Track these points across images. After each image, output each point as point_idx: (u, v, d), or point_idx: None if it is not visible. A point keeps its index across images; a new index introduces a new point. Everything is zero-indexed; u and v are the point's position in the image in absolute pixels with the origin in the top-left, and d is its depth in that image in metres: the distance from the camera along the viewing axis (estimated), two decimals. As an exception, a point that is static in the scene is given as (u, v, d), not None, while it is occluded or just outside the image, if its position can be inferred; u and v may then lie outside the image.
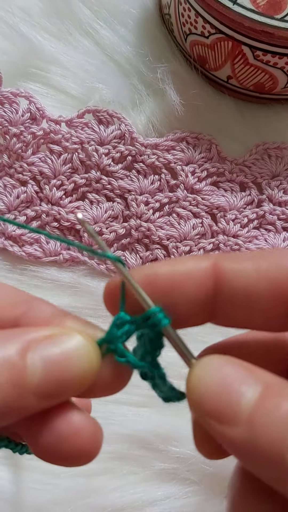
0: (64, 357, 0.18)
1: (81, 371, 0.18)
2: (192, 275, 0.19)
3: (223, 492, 0.35)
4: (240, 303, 0.19)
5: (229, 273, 0.19)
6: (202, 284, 0.19)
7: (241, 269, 0.19)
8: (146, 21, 0.45)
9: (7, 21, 0.44)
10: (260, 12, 0.35)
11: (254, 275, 0.18)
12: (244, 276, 0.19)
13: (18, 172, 0.41)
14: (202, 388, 0.18)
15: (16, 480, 0.35)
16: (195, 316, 0.20)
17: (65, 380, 0.18)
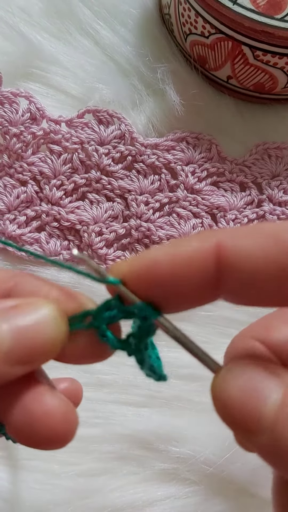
0: (30, 325, 0.19)
1: (48, 338, 0.19)
2: (195, 260, 0.18)
3: (223, 492, 0.35)
4: (247, 284, 0.18)
5: (233, 255, 0.17)
6: (206, 269, 0.18)
7: (246, 249, 0.17)
8: (146, 21, 0.45)
9: (7, 21, 0.44)
10: (260, 12, 0.35)
11: (260, 254, 0.17)
12: (250, 257, 0.17)
13: (18, 172, 0.41)
14: (224, 397, 0.18)
15: (16, 480, 0.35)
16: (200, 297, 0.19)
17: (33, 347, 0.19)
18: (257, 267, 0.17)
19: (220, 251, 0.18)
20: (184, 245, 0.18)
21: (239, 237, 0.18)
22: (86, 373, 0.37)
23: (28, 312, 0.19)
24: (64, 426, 0.19)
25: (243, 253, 0.17)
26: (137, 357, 0.20)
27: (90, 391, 0.37)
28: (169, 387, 0.38)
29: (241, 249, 0.17)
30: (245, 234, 0.18)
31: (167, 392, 0.37)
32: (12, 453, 0.36)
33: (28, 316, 0.19)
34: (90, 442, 0.36)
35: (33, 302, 0.20)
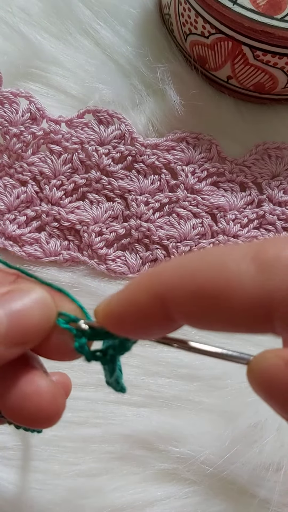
0: (26, 307, 0.20)
1: (41, 319, 0.20)
2: (146, 312, 0.19)
3: (223, 492, 0.35)
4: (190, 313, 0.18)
5: (173, 303, 0.18)
6: (156, 316, 0.18)
7: (182, 297, 0.17)
8: (146, 21, 0.45)
9: (7, 21, 0.44)
10: (260, 12, 0.35)
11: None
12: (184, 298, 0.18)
13: (18, 172, 0.41)
14: (265, 368, 0.18)
15: (16, 480, 0.35)
16: (164, 329, 0.20)
17: (28, 328, 0.20)
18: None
19: (163, 303, 0.18)
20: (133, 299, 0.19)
21: (176, 288, 0.18)
22: (86, 373, 0.37)
23: (21, 296, 0.20)
24: (52, 407, 0.21)
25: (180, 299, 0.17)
26: (109, 368, 0.22)
27: (90, 391, 0.37)
28: (169, 387, 0.38)
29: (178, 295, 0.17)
30: (181, 284, 0.17)
31: (167, 392, 0.37)
32: (12, 453, 0.36)
33: (21, 300, 0.20)
34: (90, 442, 0.36)
35: (24, 287, 0.21)
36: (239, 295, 0.16)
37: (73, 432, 0.36)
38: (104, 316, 0.20)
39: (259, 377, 0.18)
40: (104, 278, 0.40)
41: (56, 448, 0.36)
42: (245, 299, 0.16)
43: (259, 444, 0.35)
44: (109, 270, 0.40)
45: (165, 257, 0.41)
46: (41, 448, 0.36)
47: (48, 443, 0.36)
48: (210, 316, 0.17)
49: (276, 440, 0.35)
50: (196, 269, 0.17)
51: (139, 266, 0.41)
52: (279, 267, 0.15)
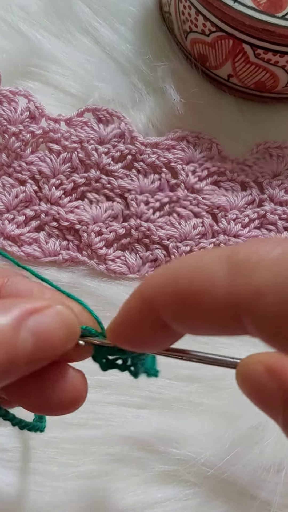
0: (51, 327, 0.20)
1: (65, 339, 0.21)
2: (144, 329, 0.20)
3: (223, 494, 0.35)
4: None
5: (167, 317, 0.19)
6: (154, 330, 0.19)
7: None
8: (146, 19, 0.45)
9: (6, 19, 0.43)
10: (261, 10, 0.35)
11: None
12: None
13: (17, 171, 0.40)
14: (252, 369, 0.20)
15: (16, 483, 0.35)
16: (165, 341, 0.21)
17: (52, 348, 0.21)
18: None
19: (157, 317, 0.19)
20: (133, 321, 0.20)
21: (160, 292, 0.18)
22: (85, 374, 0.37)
23: (46, 315, 0.20)
24: (83, 393, 0.23)
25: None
26: (132, 372, 0.23)
27: (90, 393, 0.37)
28: (169, 388, 0.37)
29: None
30: (164, 287, 0.18)
31: (167, 394, 0.37)
32: (12, 455, 0.36)
33: (47, 318, 0.20)
34: (90, 444, 0.36)
35: (48, 305, 0.21)
36: (212, 296, 0.16)
37: (73, 433, 0.36)
38: (111, 333, 0.21)
39: (243, 382, 0.19)
40: (103, 278, 0.40)
41: (55, 450, 0.36)
42: (216, 299, 0.16)
43: (260, 445, 0.35)
44: (108, 270, 0.40)
45: (165, 257, 0.40)
46: (40, 450, 0.36)
47: (47, 445, 0.36)
48: (190, 316, 0.17)
49: (277, 442, 0.35)
50: (177, 272, 0.18)
51: (139, 266, 0.40)
52: (247, 268, 0.16)
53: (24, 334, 0.20)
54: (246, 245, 0.17)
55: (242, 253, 0.16)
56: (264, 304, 0.15)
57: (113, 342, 0.21)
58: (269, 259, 0.15)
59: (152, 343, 0.20)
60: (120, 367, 0.23)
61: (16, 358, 0.19)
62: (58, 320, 0.21)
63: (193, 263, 0.17)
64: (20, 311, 0.20)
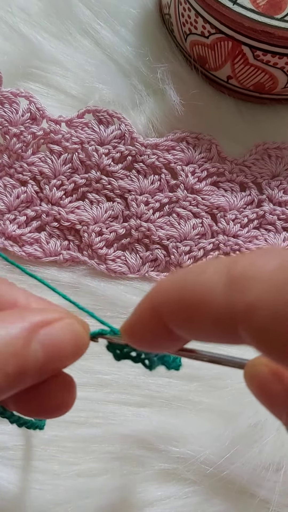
0: (61, 341, 0.21)
1: (74, 351, 0.21)
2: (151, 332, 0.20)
3: (223, 492, 0.35)
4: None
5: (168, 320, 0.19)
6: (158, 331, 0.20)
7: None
8: (146, 21, 0.45)
9: (7, 21, 0.44)
10: (260, 12, 0.35)
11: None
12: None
13: (18, 172, 0.41)
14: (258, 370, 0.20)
15: (17, 480, 0.35)
16: (174, 344, 0.21)
17: (61, 360, 0.21)
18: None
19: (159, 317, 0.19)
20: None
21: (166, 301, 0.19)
22: (86, 373, 0.37)
23: (55, 329, 0.21)
24: (69, 398, 0.23)
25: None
26: (144, 365, 0.23)
27: (90, 391, 0.37)
28: (169, 387, 0.38)
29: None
30: (170, 297, 0.19)
31: (167, 392, 0.37)
32: (12, 453, 0.36)
33: (56, 332, 0.21)
34: (90, 442, 0.36)
35: (56, 318, 0.21)
36: (211, 306, 0.17)
37: (73, 432, 0.36)
38: (123, 334, 0.21)
39: (250, 382, 0.20)
40: (104, 278, 0.40)
41: (56, 448, 0.36)
42: (215, 310, 0.17)
43: (259, 444, 0.35)
44: (109, 270, 0.40)
45: (165, 257, 0.41)
46: (41, 448, 0.36)
47: (48, 443, 0.36)
48: (193, 325, 0.18)
49: (276, 440, 0.35)
50: (182, 282, 0.18)
51: (139, 266, 0.41)
52: (242, 282, 0.16)
53: (35, 346, 0.20)
54: (244, 257, 0.17)
55: (239, 266, 0.16)
56: (257, 317, 0.15)
57: (126, 341, 0.21)
58: (264, 273, 0.16)
59: (161, 346, 0.21)
60: (134, 359, 0.23)
61: (27, 369, 0.20)
62: (68, 332, 0.21)
63: (197, 274, 0.18)
64: (30, 323, 0.20)
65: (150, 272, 0.41)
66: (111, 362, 0.24)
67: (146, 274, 0.40)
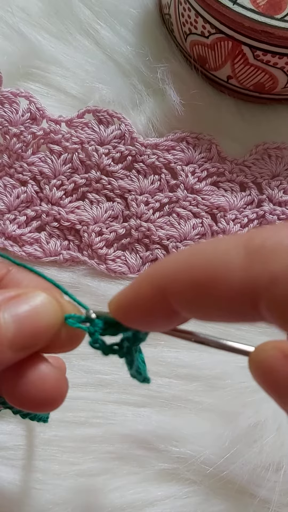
0: (32, 312, 0.21)
1: (48, 323, 0.21)
2: (152, 309, 0.19)
3: (223, 492, 0.35)
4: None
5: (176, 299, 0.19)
6: (162, 310, 0.19)
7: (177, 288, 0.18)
8: (146, 21, 0.45)
9: (7, 21, 0.44)
10: (260, 12, 0.35)
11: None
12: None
13: (18, 172, 0.41)
14: (265, 358, 0.19)
15: (17, 480, 0.35)
16: (170, 322, 0.20)
17: (36, 332, 0.21)
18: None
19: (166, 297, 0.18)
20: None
21: (175, 280, 0.18)
22: (86, 373, 0.37)
23: (27, 300, 0.21)
24: (56, 390, 0.22)
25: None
26: (127, 359, 0.22)
27: (90, 391, 0.37)
28: (169, 387, 0.38)
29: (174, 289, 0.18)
30: (179, 275, 0.18)
31: (167, 392, 0.37)
32: (13, 453, 0.36)
33: (28, 304, 0.21)
34: (90, 442, 0.36)
35: (30, 292, 0.21)
36: (228, 283, 0.16)
37: (73, 432, 0.36)
38: (115, 308, 0.20)
39: (258, 368, 0.19)
40: (104, 278, 0.40)
41: (56, 448, 0.36)
42: (232, 285, 0.16)
43: (259, 444, 0.35)
44: (109, 270, 0.40)
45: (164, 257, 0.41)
46: (41, 448, 0.36)
47: (48, 443, 0.36)
48: (205, 304, 0.17)
49: (276, 440, 0.35)
50: (192, 260, 0.17)
51: (139, 266, 0.41)
52: (263, 254, 0.15)
53: (5, 318, 0.20)
54: (262, 231, 0.16)
55: (258, 239, 0.16)
56: (280, 290, 0.15)
57: (117, 318, 0.21)
58: (286, 245, 0.15)
59: (158, 325, 0.20)
60: (119, 353, 0.22)
61: (1, 344, 0.20)
62: (39, 305, 0.21)
63: (209, 251, 0.17)
64: (3, 296, 0.21)
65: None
66: (111, 362, 0.24)
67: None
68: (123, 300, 0.20)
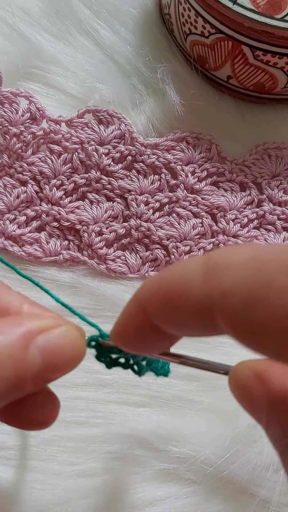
0: (60, 347, 0.21)
1: (73, 359, 0.21)
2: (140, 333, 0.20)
3: (223, 492, 0.35)
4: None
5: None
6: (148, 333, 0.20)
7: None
8: (146, 21, 0.45)
9: (7, 21, 0.44)
10: (260, 12, 0.35)
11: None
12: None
13: (18, 172, 0.41)
14: (240, 375, 0.21)
15: (17, 480, 0.35)
16: (163, 342, 0.21)
17: (59, 367, 0.21)
18: None
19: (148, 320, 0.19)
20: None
21: (150, 297, 0.19)
22: (86, 373, 0.37)
23: (54, 333, 0.21)
24: (52, 415, 0.23)
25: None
26: (133, 371, 0.23)
27: (90, 391, 0.37)
28: (169, 387, 0.38)
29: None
30: (153, 292, 0.19)
31: (167, 392, 0.37)
32: (12, 453, 0.36)
33: (55, 337, 0.21)
34: (90, 442, 0.36)
35: (59, 324, 0.21)
36: (189, 297, 0.17)
37: (73, 432, 0.36)
38: (112, 336, 0.21)
39: (234, 386, 0.20)
40: (104, 278, 0.40)
41: (56, 448, 0.36)
42: (193, 300, 0.17)
43: (259, 443, 0.35)
44: (109, 270, 0.40)
45: (165, 257, 0.41)
46: (41, 448, 0.36)
47: (48, 443, 0.36)
48: (175, 318, 0.18)
49: (276, 440, 0.35)
50: (163, 279, 0.19)
51: (139, 266, 0.41)
52: (217, 270, 0.17)
53: (33, 351, 0.20)
54: (219, 250, 0.18)
55: (214, 257, 0.17)
56: (229, 303, 0.16)
57: (115, 343, 0.21)
58: (238, 262, 0.16)
59: (149, 346, 0.21)
60: (123, 365, 0.23)
61: (25, 375, 0.20)
62: (66, 339, 0.21)
63: (176, 270, 0.18)
64: (28, 328, 0.20)
65: (150, 272, 0.41)
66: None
67: (146, 274, 0.40)
68: (117, 325, 0.21)
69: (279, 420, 0.19)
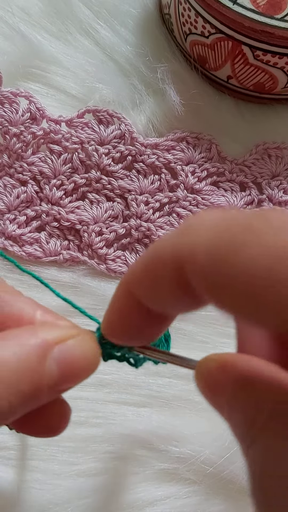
0: (76, 358, 0.21)
1: (89, 369, 0.21)
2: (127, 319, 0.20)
3: (223, 492, 0.35)
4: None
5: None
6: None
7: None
8: (146, 21, 0.45)
9: (7, 21, 0.44)
10: (260, 12, 0.35)
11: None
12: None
13: (18, 172, 0.41)
14: (205, 369, 0.20)
15: (17, 480, 0.35)
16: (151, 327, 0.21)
17: (75, 377, 0.21)
18: None
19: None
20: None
21: (134, 276, 0.19)
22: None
23: (70, 344, 0.21)
24: (63, 423, 0.23)
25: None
26: (129, 363, 0.23)
27: (90, 391, 0.37)
28: (169, 387, 0.38)
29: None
30: (136, 272, 0.19)
31: (167, 392, 0.37)
32: (12, 453, 0.36)
33: (71, 347, 0.21)
34: (90, 442, 0.36)
35: (75, 334, 0.21)
36: (163, 260, 0.17)
37: (73, 432, 0.36)
38: (104, 327, 0.21)
39: (198, 379, 0.20)
40: (104, 278, 0.40)
41: (56, 448, 0.36)
42: (165, 262, 0.17)
43: (259, 444, 0.35)
44: (109, 270, 0.40)
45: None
46: (41, 448, 0.36)
47: (48, 443, 0.36)
48: (158, 290, 0.18)
49: (276, 440, 0.35)
50: (143, 256, 0.19)
51: (139, 266, 0.41)
52: (188, 229, 0.17)
53: (50, 363, 0.20)
54: (193, 215, 0.18)
55: (188, 220, 0.17)
56: (198, 261, 0.16)
57: (106, 335, 0.21)
58: (209, 221, 0.16)
59: (139, 333, 0.21)
60: (119, 358, 0.23)
61: (42, 387, 0.20)
62: (82, 350, 0.21)
63: (155, 243, 0.19)
64: (44, 340, 0.20)
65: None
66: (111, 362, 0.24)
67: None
68: (106, 317, 0.21)
69: (241, 407, 0.19)
